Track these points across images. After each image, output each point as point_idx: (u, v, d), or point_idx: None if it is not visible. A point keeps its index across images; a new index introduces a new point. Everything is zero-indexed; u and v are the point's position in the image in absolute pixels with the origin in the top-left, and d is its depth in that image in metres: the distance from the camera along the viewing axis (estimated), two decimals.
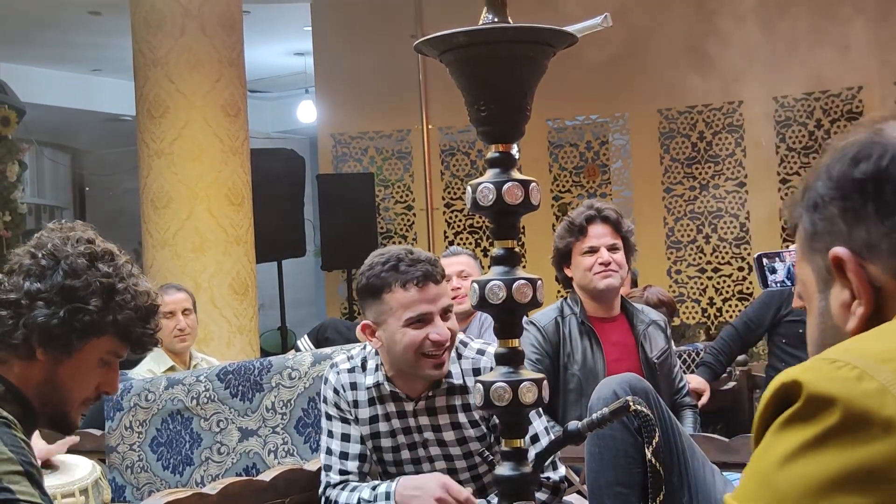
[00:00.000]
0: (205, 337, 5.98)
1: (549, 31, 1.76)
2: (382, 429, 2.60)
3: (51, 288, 1.79)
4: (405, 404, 2.57)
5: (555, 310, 3.55)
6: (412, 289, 2.40)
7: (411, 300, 2.40)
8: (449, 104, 7.82)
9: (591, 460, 2.45)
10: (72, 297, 1.80)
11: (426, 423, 2.58)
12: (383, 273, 2.42)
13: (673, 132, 7.97)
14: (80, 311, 1.80)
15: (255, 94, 10.66)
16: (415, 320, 2.41)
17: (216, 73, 6.37)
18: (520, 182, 1.79)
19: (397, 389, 2.56)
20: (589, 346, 3.45)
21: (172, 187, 6.29)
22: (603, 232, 3.47)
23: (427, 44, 1.77)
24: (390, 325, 2.44)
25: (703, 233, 7.92)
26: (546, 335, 3.46)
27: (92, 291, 1.81)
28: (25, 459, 1.67)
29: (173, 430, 3.45)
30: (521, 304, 1.80)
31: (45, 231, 1.89)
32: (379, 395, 2.59)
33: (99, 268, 1.83)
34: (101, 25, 8.98)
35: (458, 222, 8.43)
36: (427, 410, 2.57)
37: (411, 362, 2.46)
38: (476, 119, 1.82)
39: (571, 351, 3.45)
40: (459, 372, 2.56)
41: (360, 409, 2.61)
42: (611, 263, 3.44)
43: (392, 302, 2.42)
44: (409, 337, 2.42)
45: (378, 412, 2.60)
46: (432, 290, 2.42)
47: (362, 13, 8.45)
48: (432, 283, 2.41)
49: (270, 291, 9.23)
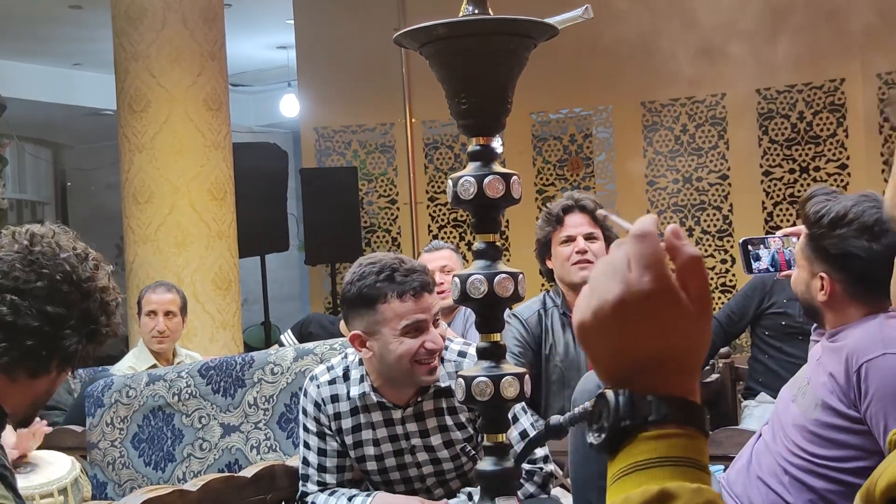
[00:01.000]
0: (188, 333, 5.95)
1: (530, 23, 1.75)
2: (365, 437, 2.59)
3: (72, 314, 1.79)
4: (392, 412, 2.57)
5: (537, 302, 3.55)
6: (409, 299, 2.40)
7: (408, 310, 2.41)
8: (432, 98, 7.78)
9: (575, 454, 2.45)
10: (89, 319, 1.82)
11: (413, 429, 2.57)
12: (378, 283, 2.41)
13: (656, 125, 7.97)
14: (97, 331, 1.84)
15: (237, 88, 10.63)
16: (411, 329, 2.42)
17: (198, 67, 6.34)
18: (501, 175, 1.78)
19: (384, 399, 2.55)
20: (572, 339, 3.45)
21: (154, 182, 6.26)
22: (580, 221, 3.46)
23: (407, 36, 1.76)
24: (384, 334, 2.43)
25: (686, 225, 7.92)
26: (528, 328, 3.47)
27: (99, 308, 1.84)
28: None
29: (155, 426, 3.44)
30: (502, 298, 1.79)
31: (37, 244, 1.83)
32: (364, 404, 2.58)
33: (99, 280, 1.84)
34: (81, 19, 8.93)
35: (442, 216, 8.41)
36: (415, 416, 2.57)
37: (405, 370, 2.46)
38: (457, 112, 1.80)
39: (554, 343, 3.45)
40: (445, 374, 2.55)
41: (343, 420, 2.60)
42: (587, 252, 3.42)
43: (387, 312, 2.41)
44: (406, 346, 2.42)
45: (361, 421, 2.59)
46: (426, 300, 2.43)
47: (345, 6, 8.42)
48: (426, 293, 2.42)
49: (254, 286, 9.21)
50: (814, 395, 2.23)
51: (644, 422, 0.86)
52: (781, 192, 7.60)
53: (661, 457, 0.85)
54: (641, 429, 0.86)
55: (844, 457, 2.16)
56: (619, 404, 0.87)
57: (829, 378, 2.19)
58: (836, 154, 7.50)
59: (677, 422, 0.86)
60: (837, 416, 2.17)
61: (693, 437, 0.86)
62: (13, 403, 1.81)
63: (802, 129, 7.55)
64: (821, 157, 7.54)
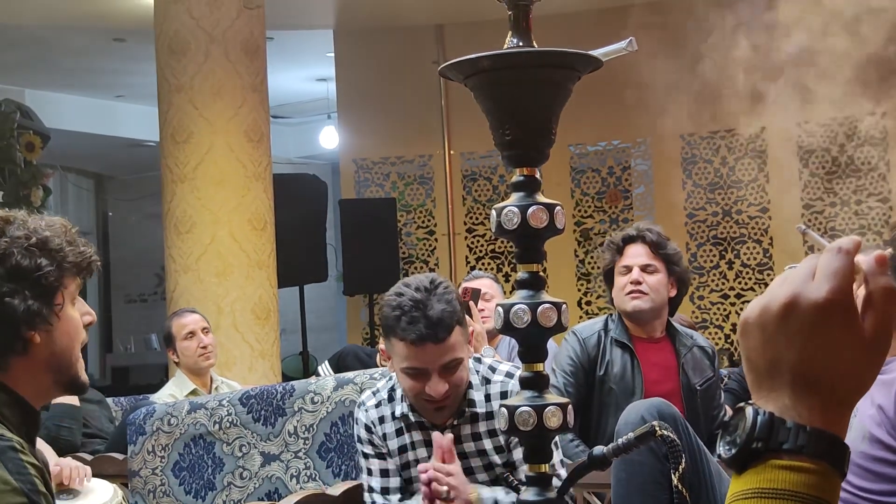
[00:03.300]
0: (227, 361, 5.98)
1: (575, 56, 1.75)
2: (411, 458, 2.59)
3: (6, 277, 1.79)
4: (432, 432, 2.56)
5: (599, 322, 3.55)
6: (409, 346, 2.39)
7: (407, 355, 2.40)
8: (471, 129, 7.84)
9: (618, 486, 2.43)
10: (25, 273, 1.80)
11: None
12: (390, 318, 2.41)
13: (695, 157, 7.95)
14: (40, 278, 1.81)
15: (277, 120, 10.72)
16: (411, 372, 2.43)
17: (239, 99, 6.41)
18: (544, 206, 1.78)
19: (423, 419, 2.56)
20: (629, 363, 3.43)
21: (196, 212, 6.32)
22: (639, 252, 3.47)
23: (452, 68, 1.77)
24: (395, 364, 2.48)
25: (726, 258, 7.88)
26: (585, 347, 3.46)
27: (34, 256, 1.81)
28: (32, 488, 1.65)
29: (196, 454, 3.45)
30: (545, 329, 1.79)
31: None
32: (407, 423, 2.59)
33: (8, 234, 1.83)
34: (125, 52, 9.05)
35: (480, 247, 8.42)
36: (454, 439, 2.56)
37: (414, 402, 2.50)
38: (501, 143, 1.81)
39: (610, 365, 3.43)
40: (483, 399, 2.54)
41: (390, 441, 2.61)
42: (641, 284, 3.42)
43: (396, 347, 2.43)
44: (407, 383, 2.45)
45: (406, 441, 2.60)
46: (429, 351, 2.38)
47: (384, 39, 8.49)
48: (430, 344, 2.38)
49: (292, 316, 9.24)
50: (861, 428, 2.21)
51: (778, 447, 0.81)
52: (822, 226, 7.55)
53: (788, 490, 0.80)
54: (774, 455, 0.81)
55: (892, 490, 2.14)
56: (756, 424, 0.82)
57: (878, 410, 2.17)
58: (878, 188, 7.44)
59: (814, 455, 0.81)
60: (885, 449, 2.14)
61: (825, 476, 0.81)
62: (31, 387, 1.81)
63: (843, 163, 7.51)
64: (862, 191, 7.49)
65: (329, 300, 11.85)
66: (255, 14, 6.57)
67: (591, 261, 8.06)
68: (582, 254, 8.20)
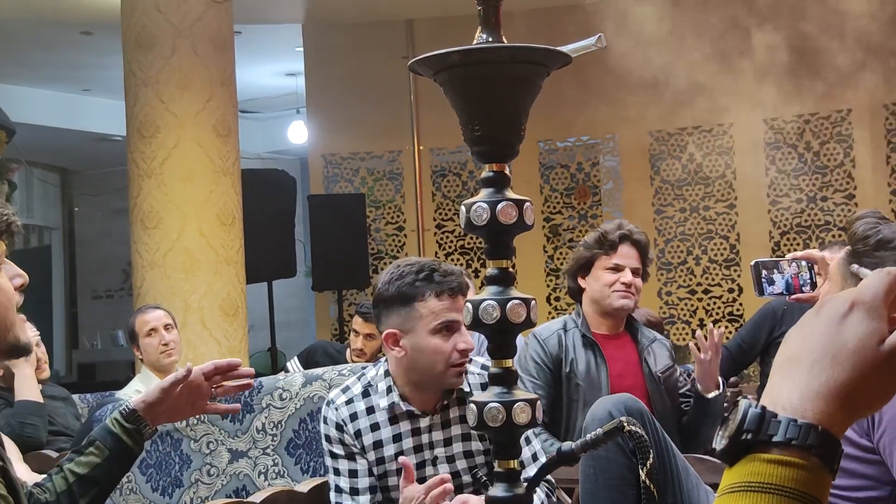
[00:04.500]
0: (194, 358, 5.94)
1: (544, 52, 1.75)
2: (388, 452, 2.59)
3: None
4: (420, 420, 2.59)
5: (558, 323, 3.59)
6: (446, 299, 2.48)
7: (443, 308, 2.48)
8: (440, 125, 7.83)
9: (586, 481, 2.44)
10: None
11: (439, 437, 2.60)
12: (417, 282, 2.49)
13: (664, 154, 7.99)
14: None
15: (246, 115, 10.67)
16: (444, 328, 2.48)
17: (207, 93, 6.37)
18: (514, 202, 1.78)
19: (412, 407, 2.58)
20: (593, 359, 3.47)
21: (163, 207, 6.28)
22: (631, 254, 3.54)
23: (422, 63, 1.77)
24: (419, 331, 2.50)
25: (694, 254, 7.93)
26: (546, 347, 3.49)
27: None
28: None
29: (163, 451, 3.43)
30: (514, 324, 1.79)
31: None
32: (392, 415, 2.59)
33: None
34: (92, 45, 8.98)
35: (449, 243, 8.42)
36: (441, 424, 2.59)
37: (437, 370, 2.51)
38: (471, 139, 1.81)
39: (575, 361, 3.46)
40: (468, 383, 2.59)
41: (364, 437, 2.60)
42: (631, 286, 3.49)
43: (423, 310, 2.48)
44: (437, 345, 2.49)
45: (383, 437, 2.60)
46: (461, 302, 2.48)
47: (354, 34, 8.47)
48: (461, 295, 2.49)
49: (260, 313, 9.21)
50: None
51: (767, 440, 0.82)
52: (789, 222, 7.60)
53: (774, 484, 0.80)
54: (762, 448, 0.82)
55: (856, 486, 2.15)
56: (747, 416, 0.83)
57: None
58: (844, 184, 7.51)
59: (803, 450, 0.81)
60: (850, 445, 2.16)
61: (815, 472, 0.81)
62: None
63: (809, 160, 7.57)
64: (828, 188, 7.55)
65: (298, 296, 11.82)
66: (223, 8, 6.53)
67: (559, 257, 8.08)
68: (551, 250, 8.22)
